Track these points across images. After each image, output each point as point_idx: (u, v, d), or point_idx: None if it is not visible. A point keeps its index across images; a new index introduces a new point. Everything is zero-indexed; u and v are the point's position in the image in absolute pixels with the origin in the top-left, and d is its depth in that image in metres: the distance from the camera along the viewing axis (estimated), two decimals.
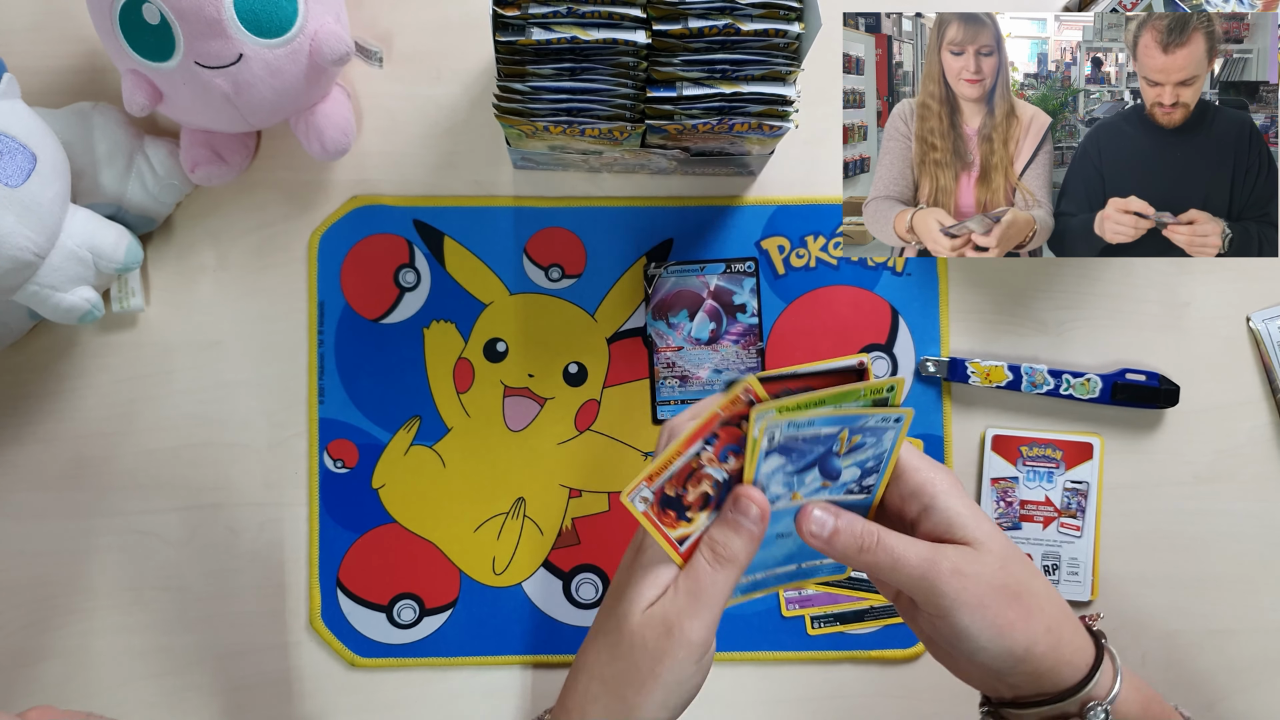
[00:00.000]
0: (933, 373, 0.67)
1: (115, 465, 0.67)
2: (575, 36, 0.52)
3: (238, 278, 0.68)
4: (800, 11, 0.53)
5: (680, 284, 0.68)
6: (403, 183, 0.68)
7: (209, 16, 0.54)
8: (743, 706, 0.68)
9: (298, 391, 0.68)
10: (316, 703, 0.67)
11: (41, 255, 0.57)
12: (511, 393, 0.68)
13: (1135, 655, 0.68)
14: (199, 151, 0.63)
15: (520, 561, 0.68)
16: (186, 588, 0.67)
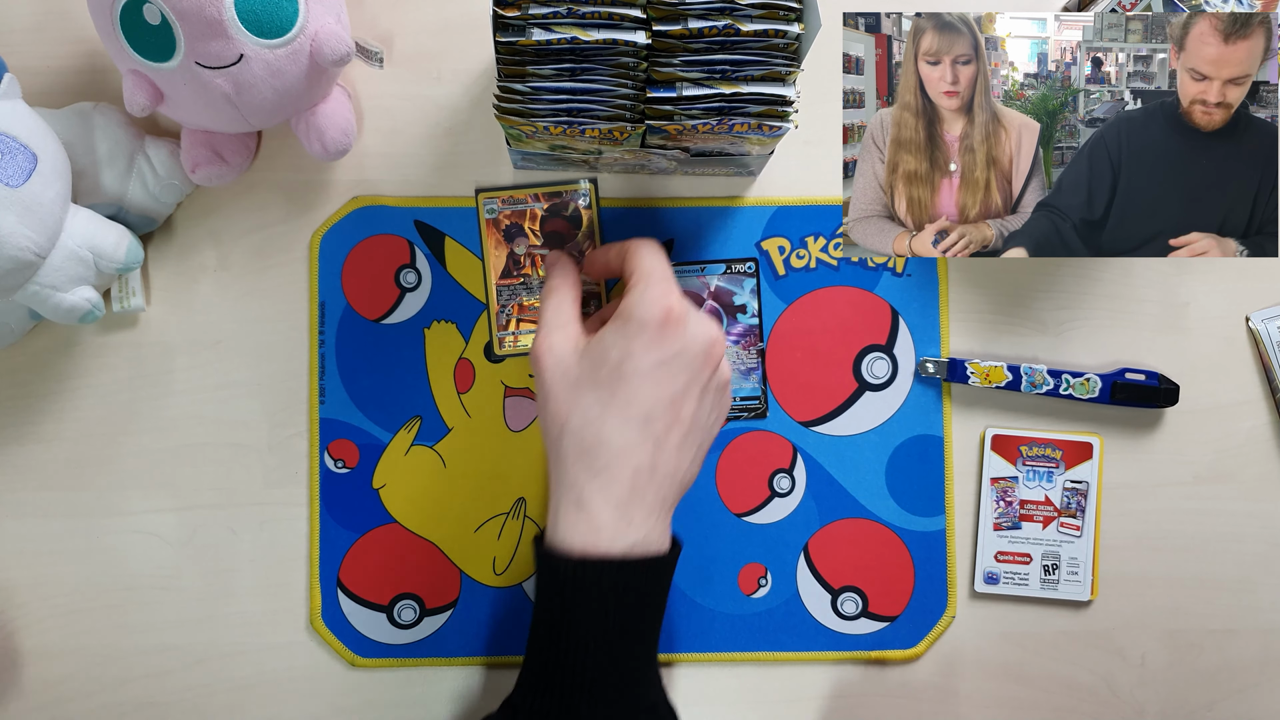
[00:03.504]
0: (932, 373, 0.68)
1: (115, 465, 0.67)
2: (575, 37, 0.52)
3: (238, 278, 0.68)
4: (800, 12, 0.53)
5: (680, 284, 0.68)
6: (403, 183, 0.68)
7: (210, 17, 0.54)
8: (742, 706, 0.68)
9: (298, 391, 0.68)
10: (317, 703, 0.67)
11: (42, 255, 0.57)
12: (512, 393, 0.68)
13: (1135, 655, 0.68)
14: (200, 152, 0.63)
15: (521, 561, 0.68)
16: (186, 588, 0.67)
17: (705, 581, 0.68)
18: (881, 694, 0.68)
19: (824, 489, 0.68)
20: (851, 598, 0.68)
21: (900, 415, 0.68)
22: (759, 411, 0.68)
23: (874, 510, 0.68)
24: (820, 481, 0.68)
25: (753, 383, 0.68)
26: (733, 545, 0.68)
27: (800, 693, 0.68)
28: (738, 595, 0.68)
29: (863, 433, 0.68)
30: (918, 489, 0.68)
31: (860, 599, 0.68)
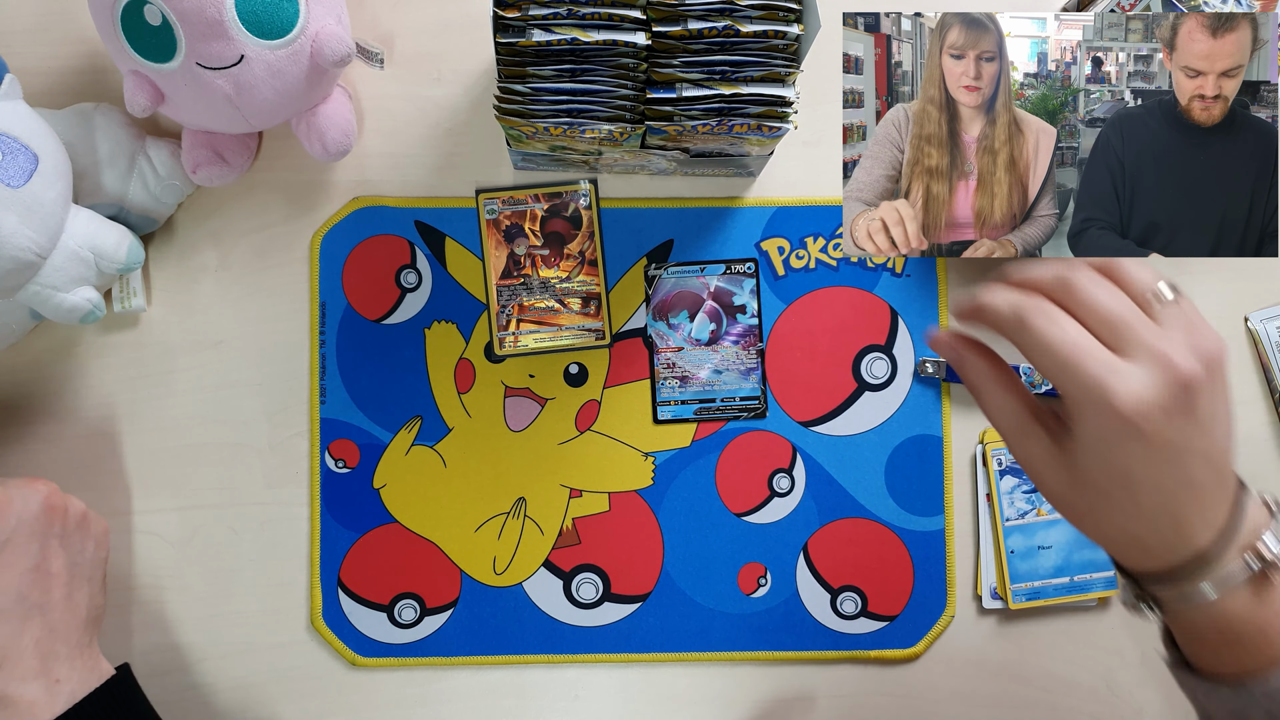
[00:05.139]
0: (931, 374, 0.68)
1: (116, 465, 0.67)
2: (575, 38, 0.52)
3: (239, 278, 0.68)
4: (799, 13, 0.53)
5: (680, 285, 0.68)
6: (404, 184, 0.68)
7: (210, 18, 0.54)
8: (742, 706, 0.68)
9: (299, 392, 0.68)
10: (317, 702, 0.68)
11: (43, 255, 0.57)
12: (512, 393, 0.68)
13: (1135, 655, 0.68)
14: (201, 152, 0.63)
15: (521, 561, 0.68)
16: (187, 587, 0.67)
17: (705, 581, 0.68)
18: (881, 693, 0.68)
19: (823, 489, 0.68)
20: (851, 597, 0.68)
21: (899, 415, 0.68)
22: (758, 411, 0.68)
23: (873, 510, 0.68)
24: (820, 481, 0.68)
25: (752, 383, 0.68)
26: (732, 545, 0.68)
27: (800, 693, 0.68)
28: (737, 595, 0.68)
29: (862, 433, 0.68)
30: (917, 489, 0.68)
31: (859, 598, 0.68)
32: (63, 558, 0.55)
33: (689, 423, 0.68)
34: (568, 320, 0.67)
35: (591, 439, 0.68)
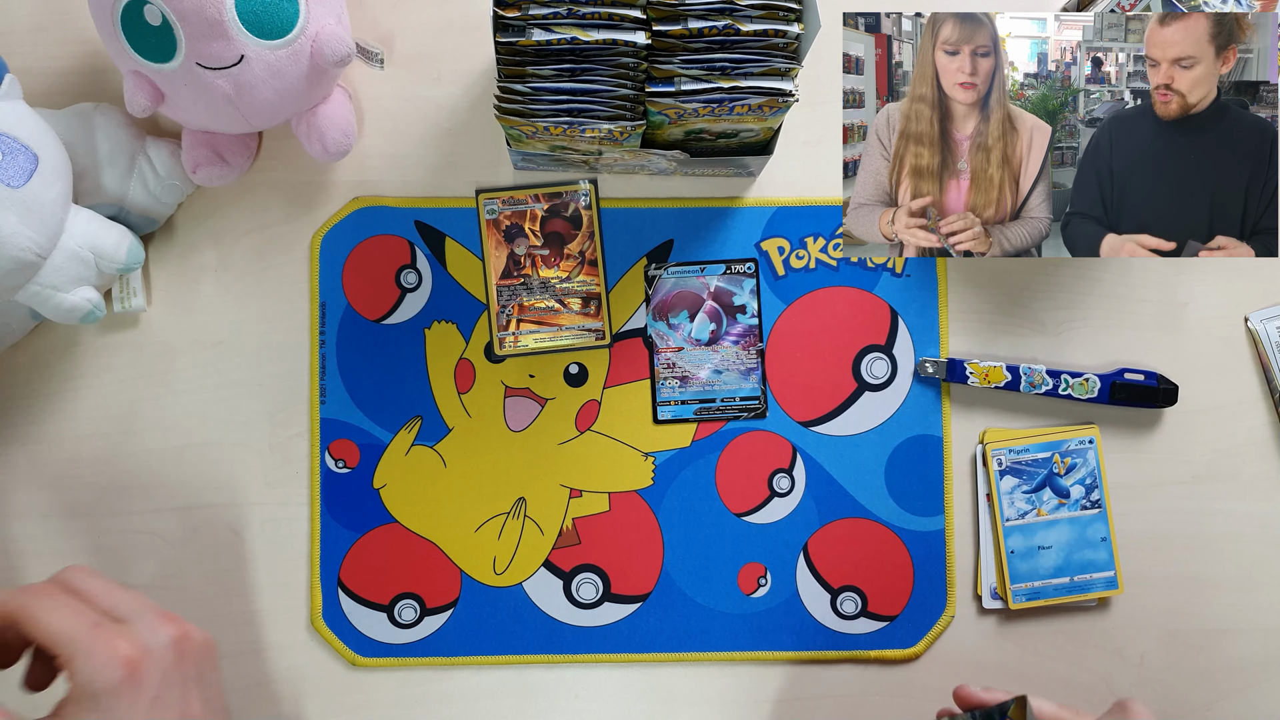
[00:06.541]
0: (931, 373, 0.68)
1: (116, 465, 0.67)
2: (575, 37, 0.52)
3: (239, 278, 0.68)
4: (799, 12, 0.53)
5: (680, 285, 0.68)
6: (404, 184, 0.68)
7: (210, 18, 0.54)
8: (742, 706, 0.68)
9: (299, 391, 0.68)
10: (317, 702, 0.67)
11: (43, 255, 0.57)
12: (512, 393, 0.68)
13: (1134, 655, 0.68)
14: (201, 152, 0.63)
15: (521, 561, 0.68)
16: (187, 587, 0.67)
17: (705, 581, 0.68)
18: (881, 693, 0.68)
19: (823, 489, 0.68)
20: (851, 597, 0.68)
21: (899, 415, 0.68)
22: (758, 411, 0.68)
23: (873, 510, 0.68)
24: (820, 481, 0.68)
25: (752, 383, 0.68)
26: (732, 545, 0.68)
27: (800, 692, 0.68)
28: (737, 595, 0.68)
29: (862, 433, 0.68)
30: (917, 489, 0.68)
31: (859, 598, 0.68)
32: (198, 697, 0.52)
33: (689, 423, 0.68)
34: (568, 320, 0.67)
35: (591, 439, 0.68)
